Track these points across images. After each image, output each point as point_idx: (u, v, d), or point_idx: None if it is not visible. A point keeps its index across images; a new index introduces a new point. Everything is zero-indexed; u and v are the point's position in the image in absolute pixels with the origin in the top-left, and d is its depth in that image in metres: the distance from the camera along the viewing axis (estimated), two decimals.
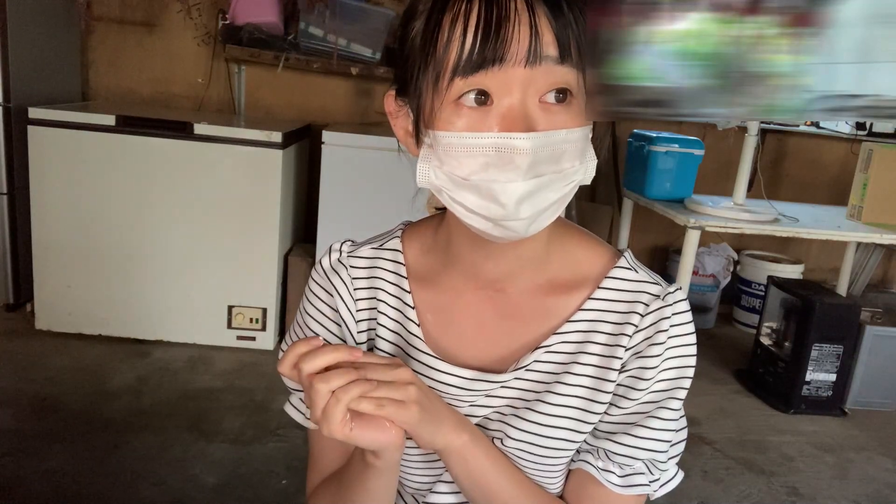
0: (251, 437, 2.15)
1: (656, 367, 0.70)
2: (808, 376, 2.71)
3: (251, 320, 2.77)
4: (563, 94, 0.60)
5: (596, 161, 0.64)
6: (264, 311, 2.77)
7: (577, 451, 0.74)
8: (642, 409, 0.71)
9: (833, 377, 2.72)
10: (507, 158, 0.58)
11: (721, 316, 3.74)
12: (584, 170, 0.63)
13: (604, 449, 0.72)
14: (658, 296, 0.71)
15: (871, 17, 0.46)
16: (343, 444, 0.80)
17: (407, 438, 0.65)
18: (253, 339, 2.78)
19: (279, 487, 1.93)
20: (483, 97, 0.59)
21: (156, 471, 1.93)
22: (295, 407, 0.81)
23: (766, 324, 2.96)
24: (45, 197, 2.63)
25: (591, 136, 0.64)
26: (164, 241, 2.69)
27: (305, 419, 0.80)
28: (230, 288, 2.74)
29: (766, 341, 2.94)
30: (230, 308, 2.75)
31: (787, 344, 2.82)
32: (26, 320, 2.78)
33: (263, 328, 2.78)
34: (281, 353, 0.82)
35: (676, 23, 0.50)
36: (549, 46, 0.58)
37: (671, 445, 0.73)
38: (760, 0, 0.47)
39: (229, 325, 2.77)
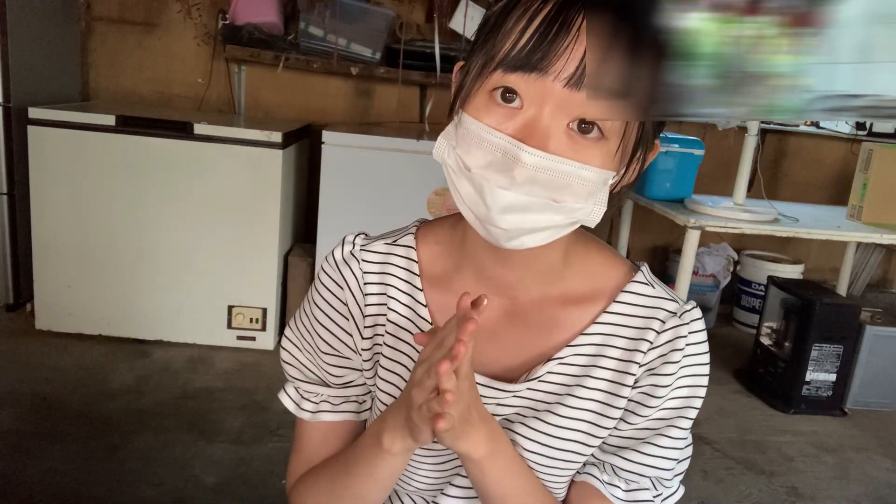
0: (251, 437, 2.15)
1: (669, 385, 0.69)
2: (808, 376, 2.71)
3: (251, 320, 2.77)
4: (588, 126, 0.58)
5: (605, 209, 0.62)
6: (264, 311, 2.77)
7: (583, 464, 0.74)
8: (652, 426, 0.71)
9: (833, 377, 2.72)
10: (508, 165, 0.57)
11: (721, 316, 3.74)
12: (589, 212, 0.61)
13: (610, 464, 0.72)
14: (675, 313, 0.71)
15: (871, 17, 0.46)
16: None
17: None
18: (253, 339, 2.78)
19: (279, 487, 1.93)
20: (512, 96, 0.58)
21: (156, 471, 1.93)
22: (289, 396, 0.82)
23: (766, 324, 2.96)
24: (45, 197, 2.63)
25: (610, 183, 0.62)
26: (164, 241, 2.69)
27: (298, 408, 0.81)
28: (230, 288, 2.74)
29: (766, 341, 2.94)
30: (230, 308, 2.75)
31: (787, 344, 2.82)
32: (26, 320, 2.78)
33: (263, 328, 2.78)
34: (282, 346, 0.82)
35: (676, 23, 0.50)
36: None
37: (677, 463, 0.73)
38: (760, 0, 0.47)
39: (229, 325, 2.77)
